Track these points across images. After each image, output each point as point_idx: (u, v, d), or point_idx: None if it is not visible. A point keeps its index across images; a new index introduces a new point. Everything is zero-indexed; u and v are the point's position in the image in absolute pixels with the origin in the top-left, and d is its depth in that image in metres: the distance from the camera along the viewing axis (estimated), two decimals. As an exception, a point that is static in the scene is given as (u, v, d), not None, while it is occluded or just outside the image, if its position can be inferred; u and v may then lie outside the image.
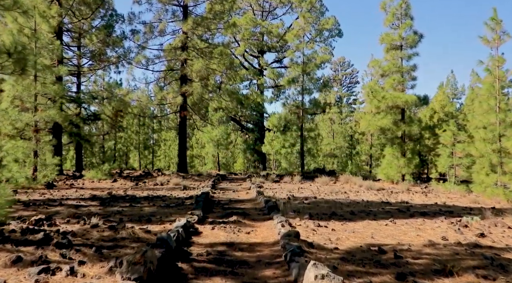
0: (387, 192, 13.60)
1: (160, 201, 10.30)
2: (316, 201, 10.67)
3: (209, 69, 19.09)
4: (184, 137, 20.52)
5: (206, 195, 10.54)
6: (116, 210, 8.36)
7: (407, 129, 16.22)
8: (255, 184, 15.73)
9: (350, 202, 10.67)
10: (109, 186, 15.13)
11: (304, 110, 22.06)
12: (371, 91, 16.40)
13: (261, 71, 34.82)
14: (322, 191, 13.77)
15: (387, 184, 16.26)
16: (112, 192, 12.23)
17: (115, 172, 22.25)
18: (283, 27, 36.35)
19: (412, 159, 16.20)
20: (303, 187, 15.13)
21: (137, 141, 38.82)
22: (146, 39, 19.00)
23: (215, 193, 12.90)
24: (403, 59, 16.74)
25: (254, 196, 11.81)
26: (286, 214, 8.10)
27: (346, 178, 16.87)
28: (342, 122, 39.52)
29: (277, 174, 20.39)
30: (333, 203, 10.28)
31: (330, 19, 34.28)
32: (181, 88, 17.91)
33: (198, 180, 17.63)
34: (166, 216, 7.79)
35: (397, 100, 15.79)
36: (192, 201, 9.88)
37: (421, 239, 6.13)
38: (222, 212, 8.73)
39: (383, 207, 9.89)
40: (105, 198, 10.54)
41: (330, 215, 8.31)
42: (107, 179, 17.29)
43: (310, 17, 28.00)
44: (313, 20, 30.70)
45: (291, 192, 13.10)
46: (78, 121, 18.48)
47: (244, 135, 38.57)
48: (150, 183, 16.16)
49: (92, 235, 5.29)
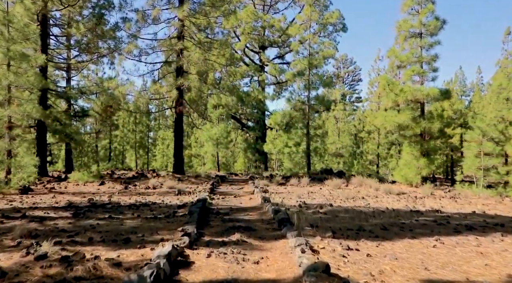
0: (410, 197, 11.93)
1: (147, 210, 8.63)
2: (333, 210, 9.01)
3: (208, 61, 17.42)
4: (181, 135, 18.83)
5: (202, 203, 8.88)
6: (89, 225, 6.70)
7: (428, 125, 14.54)
8: (259, 187, 14.08)
9: (373, 211, 9.01)
10: (95, 190, 13.47)
11: (310, 106, 20.39)
12: (388, 83, 14.72)
13: (262, 67, 33.36)
14: (336, 196, 12.11)
15: (406, 187, 14.60)
16: (94, 199, 10.56)
17: (106, 173, 20.59)
18: (285, 21, 34.86)
19: (434, 159, 14.56)
20: (313, 191, 13.47)
21: (134, 140, 37.22)
22: (139, 27, 17.30)
23: (214, 199, 11.24)
24: (423, 48, 15.07)
25: (259, 203, 10.16)
26: (302, 229, 6.45)
27: (359, 181, 15.21)
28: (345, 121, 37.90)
29: (283, 176, 18.72)
30: (355, 213, 8.62)
31: (335, 13, 32.61)
32: (176, 81, 16.26)
33: (195, 183, 15.96)
34: (151, 233, 6.14)
35: (417, 93, 14.12)
36: (186, 211, 8.23)
37: (495, 272, 4.48)
38: (221, 226, 7.07)
39: (415, 218, 8.23)
40: (83, 207, 8.87)
41: (357, 230, 6.65)
42: (94, 181, 15.62)
43: (314, 10, 26.30)
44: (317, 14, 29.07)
45: (301, 198, 11.44)
46: (63, 117, 16.81)
47: (244, 134, 36.95)
48: (141, 186, 14.50)
49: (30, 274, 3.62)
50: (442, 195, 12.55)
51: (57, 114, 16.56)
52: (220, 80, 29.34)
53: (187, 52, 17.03)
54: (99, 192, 12.55)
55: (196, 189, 13.59)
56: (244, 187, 15.53)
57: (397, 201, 11.06)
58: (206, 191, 12.33)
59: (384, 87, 14.85)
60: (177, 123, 18.61)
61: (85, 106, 20.28)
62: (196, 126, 31.94)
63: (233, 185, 16.62)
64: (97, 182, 15.41)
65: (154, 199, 10.74)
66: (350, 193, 12.62)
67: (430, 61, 14.88)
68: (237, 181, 18.99)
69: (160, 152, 41.71)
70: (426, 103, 15.11)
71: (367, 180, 15.32)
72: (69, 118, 16.93)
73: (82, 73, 22.82)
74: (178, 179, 16.62)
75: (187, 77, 16.19)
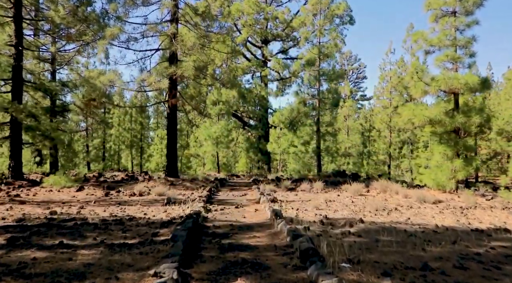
0: (454, 208, 9.67)
1: (118, 231, 6.40)
2: (368, 229, 6.76)
3: (205, 49, 15.20)
4: (174, 133, 16.58)
5: (193, 221, 6.64)
6: (19, 261, 4.48)
7: (464, 120, 12.28)
8: (265, 193, 11.85)
9: (422, 231, 6.76)
10: (69, 197, 11.26)
11: (321, 100, 18.12)
12: (417, 71, 12.46)
13: (264, 62, 31.33)
14: (361, 206, 9.85)
15: (438, 193, 12.35)
16: (58, 212, 8.32)
17: (93, 175, 18.40)
18: (289, 13, 32.78)
19: (472, 159, 12.32)
20: (330, 198, 11.21)
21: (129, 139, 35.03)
22: (126, 10, 15.07)
23: (211, 210, 9.00)
24: (457, 29, 12.80)
25: (267, 218, 7.93)
26: (339, 269, 4.24)
27: (382, 186, 12.96)
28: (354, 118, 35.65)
29: (292, 179, 16.46)
30: (400, 235, 6.37)
31: (342, 4, 30.28)
32: (168, 69, 14.06)
33: (190, 188, 13.73)
34: (108, 278, 3.93)
35: (452, 82, 11.85)
36: (171, 231, 5.98)
37: None
38: (217, 260, 4.85)
39: (485, 242, 5.99)
40: (33, 227, 6.64)
41: (421, 270, 4.41)
42: (73, 186, 13.42)
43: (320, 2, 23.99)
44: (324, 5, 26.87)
45: (320, 209, 9.20)
46: (39, 112, 14.61)
47: (246, 133, 34.77)
48: (126, 193, 12.28)
49: None
50: (490, 205, 10.27)
51: (32, 109, 14.35)
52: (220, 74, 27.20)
53: (181, 38, 14.78)
54: (72, 201, 10.33)
55: (190, 196, 11.36)
56: (248, 193, 13.30)
57: (440, 214, 8.81)
58: (201, 200, 10.10)
59: (412, 75, 12.60)
60: (170, 119, 16.35)
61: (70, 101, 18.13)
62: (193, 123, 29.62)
63: (235, 190, 14.39)
64: (76, 187, 13.20)
65: (134, 212, 8.52)
66: (377, 201, 10.36)
67: (466, 44, 12.63)
68: (239, 185, 16.75)
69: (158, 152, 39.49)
70: (461, 95, 12.83)
71: (391, 184, 13.07)
72: (45, 113, 14.70)
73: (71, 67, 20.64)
74: (170, 184, 14.40)
75: (181, 65, 13.98)
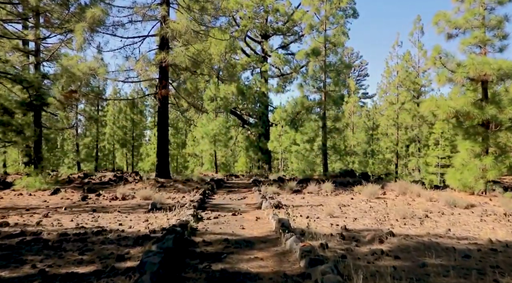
0: (494, 214, 8.06)
1: (74, 252, 4.77)
2: (405, 247, 5.15)
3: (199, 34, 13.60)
4: (165, 128, 14.92)
5: (176, 237, 5.00)
6: None
7: (495, 112, 10.69)
8: (267, 197, 10.24)
9: (478, 249, 5.15)
10: (39, 202, 9.65)
11: (327, 93, 16.51)
12: (440, 56, 10.86)
13: (265, 58, 29.87)
14: (383, 212, 8.24)
15: (466, 195, 10.76)
16: (11, 223, 6.71)
17: (77, 176, 16.77)
18: (290, 6, 31.26)
19: (507, 156, 10.75)
20: (344, 203, 9.59)
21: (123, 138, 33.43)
22: (111, -9, 13.43)
23: (202, 219, 7.39)
24: (486, 8, 11.21)
25: (272, 229, 6.32)
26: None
27: (400, 187, 11.36)
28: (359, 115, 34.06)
29: (296, 179, 14.84)
30: (450, 255, 4.76)
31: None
32: (157, 56, 12.46)
33: (182, 190, 12.10)
34: None
35: (483, 68, 10.24)
36: (146, 250, 4.33)
37: None
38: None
39: None
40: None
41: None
42: (49, 188, 11.82)
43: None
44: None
45: (334, 216, 7.58)
46: (13, 106, 13.00)
47: (246, 131, 33.20)
48: (107, 196, 10.67)
49: None
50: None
51: (4, 102, 12.74)
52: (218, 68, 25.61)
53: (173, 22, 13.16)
54: (39, 207, 8.72)
55: (180, 201, 9.76)
56: (247, 196, 11.67)
57: (483, 223, 7.21)
58: (192, 205, 8.48)
59: (435, 61, 11.00)
60: (160, 113, 14.70)
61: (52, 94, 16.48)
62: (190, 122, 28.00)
63: (232, 192, 12.78)
64: (51, 190, 11.60)
65: (108, 222, 6.91)
66: (400, 206, 8.75)
67: (497, 24, 11.05)
68: (238, 186, 15.14)
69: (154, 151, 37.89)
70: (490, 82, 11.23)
71: (410, 185, 11.48)
72: (20, 107, 13.08)
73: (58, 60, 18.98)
74: (160, 185, 12.78)
75: (172, 51, 12.35)
